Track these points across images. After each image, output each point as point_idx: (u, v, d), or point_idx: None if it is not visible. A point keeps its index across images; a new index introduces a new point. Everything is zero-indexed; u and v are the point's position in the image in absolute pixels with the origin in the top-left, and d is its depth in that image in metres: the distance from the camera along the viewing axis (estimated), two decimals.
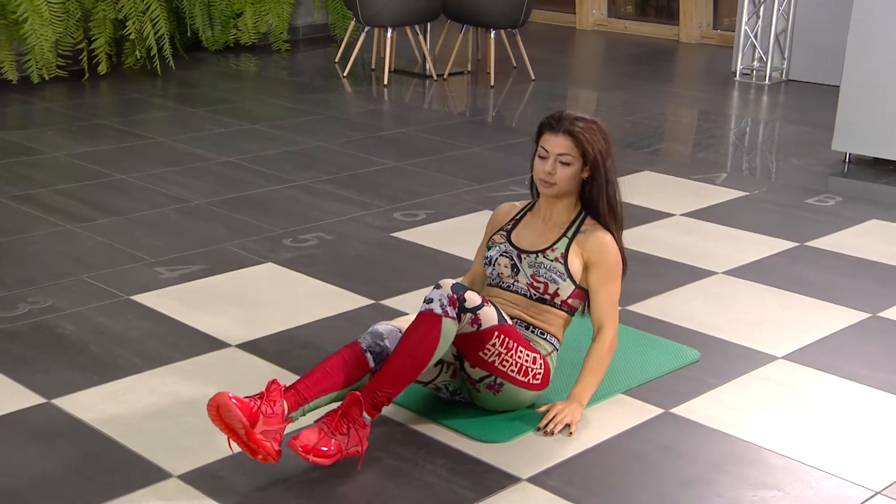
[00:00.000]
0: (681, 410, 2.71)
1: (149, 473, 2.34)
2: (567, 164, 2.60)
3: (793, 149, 5.55)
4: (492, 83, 6.87)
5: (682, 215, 4.33)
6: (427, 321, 2.38)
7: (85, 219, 4.06)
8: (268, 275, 3.57)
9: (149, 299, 3.31)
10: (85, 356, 2.91)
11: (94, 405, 2.64)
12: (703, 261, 3.79)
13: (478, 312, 2.43)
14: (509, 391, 2.56)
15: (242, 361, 2.91)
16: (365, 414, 2.35)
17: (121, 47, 6.80)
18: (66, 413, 2.60)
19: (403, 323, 2.53)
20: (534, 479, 2.37)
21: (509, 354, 2.50)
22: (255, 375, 2.82)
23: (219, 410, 2.27)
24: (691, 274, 3.67)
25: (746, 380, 2.90)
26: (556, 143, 2.60)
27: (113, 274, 3.51)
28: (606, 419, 2.64)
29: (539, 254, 2.65)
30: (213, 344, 3.00)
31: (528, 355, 2.55)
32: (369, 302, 3.34)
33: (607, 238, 2.66)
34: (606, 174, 2.63)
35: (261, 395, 2.33)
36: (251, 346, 2.99)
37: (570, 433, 2.54)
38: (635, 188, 4.66)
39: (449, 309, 2.38)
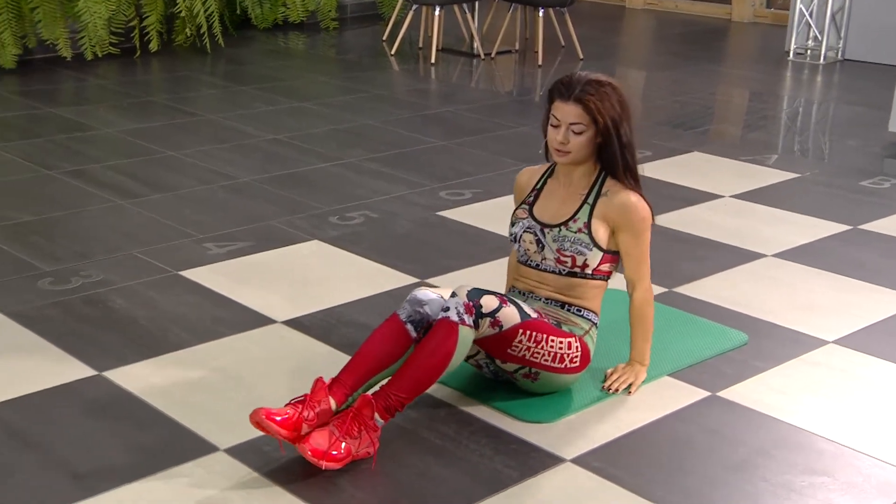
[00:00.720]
0: (728, 394, 2.68)
1: (196, 446, 2.38)
2: (579, 132, 2.52)
3: (847, 130, 5.44)
4: (539, 62, 6.82)
5: (731, 197, 4.27)
6: (444, 329, 2.34)
7: (135, 194, 4.12)
8: (314, 252, 3.59)
9: (197, 275, 3.34)
10: (135, 330, 2.95)
11: (143, 378, 2.68)
12: (753, 243, 3.74)
13: (497, 315, 2.40)
14: (547, 378, 2.55)
15: (289, 338, 2.93)
16: (377, 417, 2.29)
17: (171, 25, 6.86)
18: (116, 385, 2.64)
19: (445, 291, 2.50)
20: (578, 460, 2.36)
21: (539, 347, 2.48)
22: (301, 352, 2.84)
23: (259, 427, 2.28)
24: (740, 256, 3.62)
25: (796, 364, 2.85)
26: (567, 112, 2.51)
27: (162, 249, 3.55)
28: (652, 401, 2.62)
29: (562, 227, 2.60)
30: (260, 320, 3.03)
31: (560, 342, 2.52)
32: (414, 280, 3.35)
33: (631, 198, 2.57)
34: (620, 139, 2.53)
35: (305, 398, 2.31)
36: (297, 323, 3.01)
37: (631, 392, 2.62)
38: (684, 168, 4.61)
39: (466, 317, 2.35)
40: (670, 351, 2.86)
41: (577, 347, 2.56)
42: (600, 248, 2.59)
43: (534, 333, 2.46)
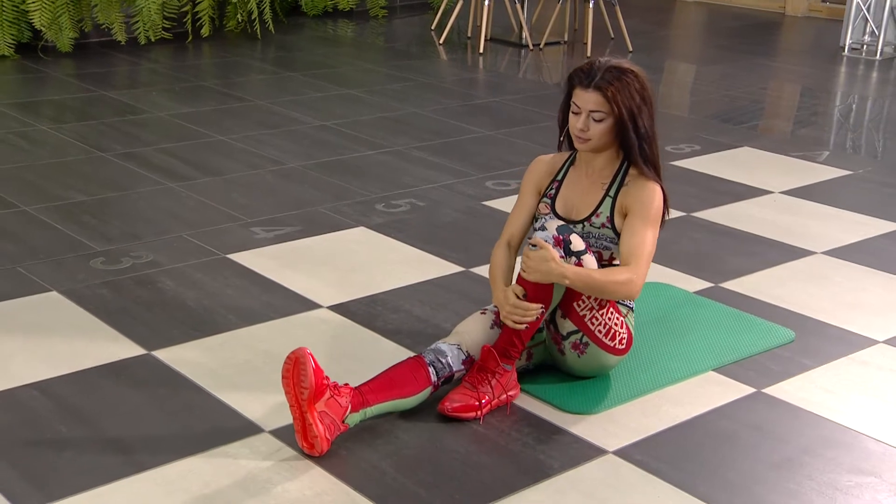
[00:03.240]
0: (773, 391, 2.66)
1: (242, 427, 2.41)
2: (599, 120, 2.48)
3: None
4: (588, 54, 6.78)
5: (780, 193, 4.22)
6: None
7: (185, 177, 4.17)
8: (360, 239, 3.61)
9: (244, 258, 3.38)
10: (183, 311, 3.00)
11: (191, 359, 2.72)
12: (802, 240, 3.69)
13: (581, 258, 2.43)
14: (593, 353, 2.54)
15: (334, 323, 2.96)
16: (504, 364, 2.46)
17: (223, 10, 6.92)
18: (165, 365, 2.69)
19: (466, 337, 2.51)
20: (620, 452, 2.36)
21: (601, 312, 2.50)
22: (346, 337, 2.87)
23: (296, 363, 2.26)
24: (789, 253, 3.58)
25: (844, 363, 2.82)
26: (587, 100, 2.48)
27: (211, 232, 3.60)
28: (696, 396, 2.61)
29: (585, 223, 2.58)
30: (306, 304, 3.06)
31: (616, 318, 2.54)
32: (459, 269, 3.36)
33: (649, 185, 2.53)
34: (638, 130, 2.48)
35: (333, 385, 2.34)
36: (342, 309, 3.04)
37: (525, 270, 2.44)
38: (733, 163, 4.56)
39: (557, 249, 2.40)
40: (716, 346, 2.84)
41: (626, 328, 2.58)
42: None
43: (601, 299, 2.49)
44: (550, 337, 2.59)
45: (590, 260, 2.47)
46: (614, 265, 2.59)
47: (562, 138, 2.65)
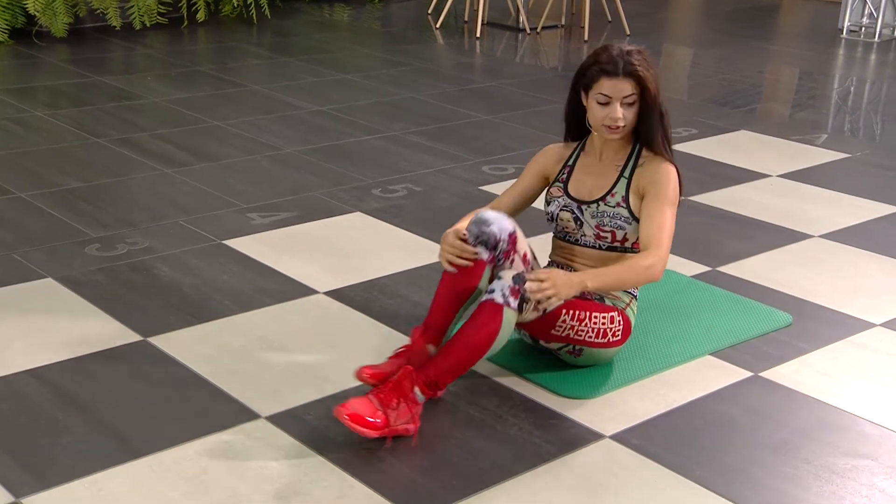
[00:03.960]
0: (771, 374, 2.65)
1: (239, 413, 2.40)
2: (631, 103, 2.49)
3: None
4: (585, 38, 6.75)
5: (778, 176, 4.21)
6: (489, 310, 2.32)
7: (181, 163, 4.15)
8: (357, 224, 3.60)
9: (240, 244, 3.37)
10: (179, 298, 2.99)
11: (187, 345, 2.71)
12: (800, 223, 3.68)
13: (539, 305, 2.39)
14: (589, 353, 2.55)
15: (330, 308, 2.95)
16: (418, 391, 2.28)
17: None
18: (161, 351, 2.68)
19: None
20: (617, 437, 2.36)
21: (583, 324, 2.48)
22: (343, 322, 2.86)
23: (365, 381, 2.32)
24: (786, 236, 3.57)
25: (841, 346, 2.82)
26: (621, 88, 2.46)
27: (206, 218, 3.59)
28: (694, 380, 2.61)
29: (599, 202, 2.57)
30: (302, 290, 3.05)
31: (603, 318, 2.51)
32: None
33: (664, 166, 2.53)
34: (660, 106, 2.51)
35: (405, 349, 2.38)
36: (339, 294, 3.03)
37: (542, 309, 2.38)
38: (731, 147, 4.55)
39: (511, 300, 2.34)
40: (713, 330, 2.84)
41: (619, 321, 2.55)
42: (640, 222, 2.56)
43: (577, 312, 2.46)
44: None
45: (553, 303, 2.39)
46: (626, 247, 2.59)
47: (570, 132, 2.65)
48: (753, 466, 2.28)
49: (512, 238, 2.46)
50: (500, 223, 2.45)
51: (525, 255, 2.51)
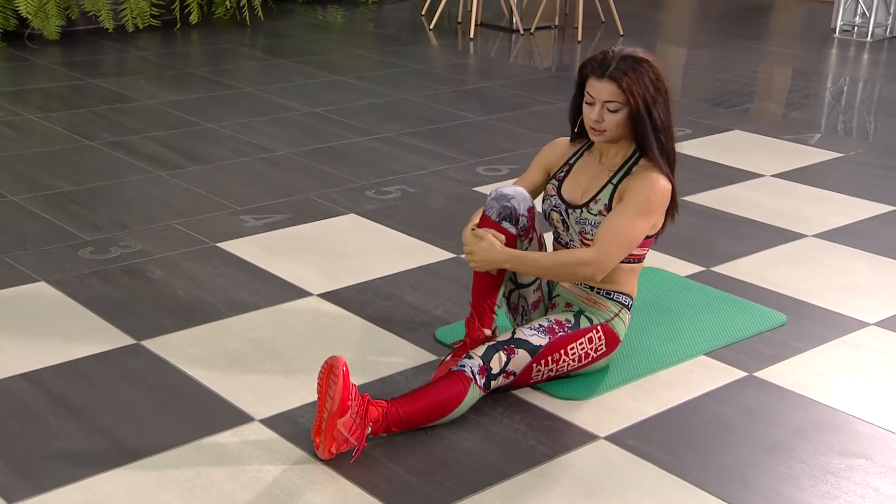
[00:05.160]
0: (765, 374, 2.66)
1: (232, 416, 2.40)
2: (614, 110, 2.43)
3: (893, 109, 5.34)
4: (579, 38, 6.76)
5: (772, 176, 4.21)
6: (458, 381, 2.35)
7: (174, 166, 4.15)
8: (350, 226, 3.60)
9: (234, 247, 3.37)
10: (172, 300, 2.98)
11: (181, 348, 2.71)
12: (793, 223, 3.69)
13: (507, 368, 2.40)
14: (580, 372, 2.56)
15: (324, 310, 2.95)
16: (370, 427, 2.24)
17: None
18: (154, 354, 2.67)
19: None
20: (612, 438, 2.36)
21: (562, 361, 2.49)
22: (337, 324, 2.86)
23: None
24: (780, 236, 3.58)
25: (835, 345, 2.82)
26: (602, 90, 2.41)
27: (200, 221, 3.58)
28: (688, 380, 2.61)
29: (583, 208, 2.52)
30: (296, 292, 3.05)
31: (580, 344, 2.50)
32: (450, 255, 3.35)
33: (651, 176, 2.44)
34: (653, 121, 2.42)
35: (465, 342, 2.48)
36: (333, 296, 3.03)
37: (470, 260, 2.47)
38: (724, 147, 4.56)
39: (478, 377, 2.36)
40: (707, 330, 2.84)
41: (599, 337, 2.53)
42: None
43: (549, 357, 2.46)
44: None
45: (518, 359, 2.42)
46: None
47: (575, 130, 2.62)
48: (748, 466, 2.28)
49: (531, 213, 2.52)
50: (520, 196, 2.50)
51: (541, 237, 2.55)
